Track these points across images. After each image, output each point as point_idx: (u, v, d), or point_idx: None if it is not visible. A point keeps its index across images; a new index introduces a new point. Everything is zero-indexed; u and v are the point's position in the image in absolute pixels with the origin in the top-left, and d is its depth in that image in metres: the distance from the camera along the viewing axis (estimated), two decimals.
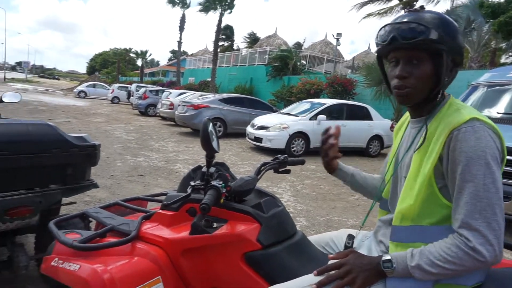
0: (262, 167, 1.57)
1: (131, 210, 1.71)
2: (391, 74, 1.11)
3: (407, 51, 1.05)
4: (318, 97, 13.71)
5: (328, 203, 5.15)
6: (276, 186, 5.78)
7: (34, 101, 17.78)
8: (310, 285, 1.05)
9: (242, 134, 10.39)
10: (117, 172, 5.83)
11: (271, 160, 1.64)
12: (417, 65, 1.04)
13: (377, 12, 17.37)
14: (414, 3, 15.95)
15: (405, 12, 1.12)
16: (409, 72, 1.05)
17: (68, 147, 2.24)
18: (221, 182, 1.24)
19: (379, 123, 9.87)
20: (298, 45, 26.84)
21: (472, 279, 0.99)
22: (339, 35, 19.31)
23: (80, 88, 30.04)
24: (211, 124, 1.26)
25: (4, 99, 3.05)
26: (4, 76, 42.53)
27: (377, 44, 1.12)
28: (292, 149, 8.67)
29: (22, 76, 58.02)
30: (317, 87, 14.69)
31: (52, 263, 1.30)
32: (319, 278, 1.06)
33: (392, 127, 10.09)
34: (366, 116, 9.80)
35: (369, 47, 28.82)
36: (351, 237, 1.33)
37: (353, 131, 9.25)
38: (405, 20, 1.04)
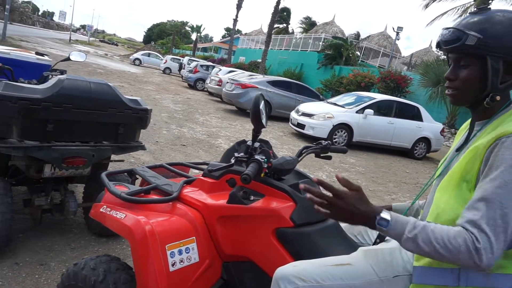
0: (304, 150, 1.59)
1: (174, 173, 1.81)
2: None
3: (454, 54, 1.07)
4: (368, 90, 13.30)
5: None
6: (313, 173, 5.77)
7: (94, 63, 18.77)
8: (333, 265, 1.08)
9: (286, 119, 10.37)
10: (161, 139, 6.09)
11: (314, 144, 1.66)
12: (464, 68, 1.05)
13: (447, 10, 16.33)
14: (490, 1, 14.74)
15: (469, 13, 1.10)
16: (456, 74, 1.07)
17: (123, 108, 2.38)
18: (263, 157, 1.28)
19: (429, 125, 9.42)
20: (356, 35, 25.92)
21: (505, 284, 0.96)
22: (399, 28, 18.36)
23: (135, 55, 31.18)
24: (263, 99, 1.30)
25: (71, 57, 3.28)
26: (70, 37, 45.16)
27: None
28: (334, 140, 8.54)
29: (85, 38, 61.22)
30: (369, 81, 14.22)
31: (101, 210, 1.42)
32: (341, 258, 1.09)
33: (443, 131, 9.60)
34: (417, 116, 9.39)
35: (430, 45, 27.21)
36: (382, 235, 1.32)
37: (400, 130, 8.93)
38: (451, 26, 1.06)
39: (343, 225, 1.46)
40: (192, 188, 1.49)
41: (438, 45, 1.08)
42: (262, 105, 1.28)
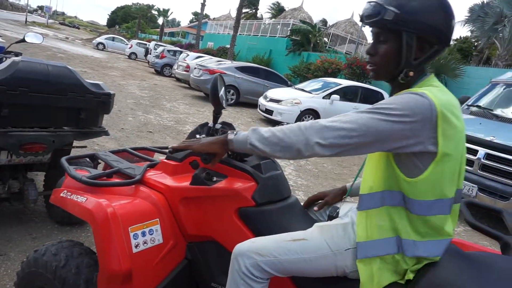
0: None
1: (138, 158, 1.80)
2: None
3: (375, 29, 1.09)
4: (335, 76, 13.52)
5: (329, 181, 5.23)
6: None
7: (53, 47, 17.85)
8: (290, 240, 1.14)
9: (254, 105, 10.41)
10: (127, 126, 5.95)
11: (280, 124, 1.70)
12: (383, 43, 1.07)
13: None
14: None
15: None
16: (375, 49, 1.09)
17: (84, 92, 2.31)
18: None
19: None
20: (324, 22, 26.12)
21: (433, 251, 1.05)
22: None
23: (99, 39, 29.91)
24: (221, 79, 1.31)
25: (26, 39, 3.11)
26: (26, 19, 42.43)
27: None
28: None
29: (43, 21, 57.82)
30: (336, 67, 14.45)
31: (61, 195, 1.40)
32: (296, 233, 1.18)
33: None
34: (380, 101, 9.69)
35: None
36: (335, 208, 1.39)
37: None
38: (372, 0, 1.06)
39: (303, 203, 1.52)
40: (156, 171, 1.49)
41: (362, 19, 1.10)
42: (220, 86, 1.29)
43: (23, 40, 3.10)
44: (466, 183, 4.29)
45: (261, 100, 9.45)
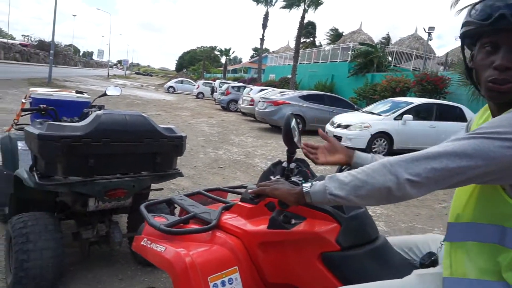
0: (344, 166, 1.52)
1: (212, 199, 1.79)
2: (483, 63, 0.90)
3: None
4: (404, 95, 12.85)
5: (412, 209, 4.81)
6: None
7: (131, 95, 19.67)
8: None
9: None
10: (199, 163, 6.16)
11: None
12: None
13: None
14: None
15: None
16: None
17: (159, 137, 2.42)
18: (301, 179, 1.23)
19: (471, 119, 8.89)
20: (386, 40, 25.36)
21: None
22: (431, 29, 17.75)
23: (169, 84, 32.39)
24: (294, 119, 1.25)
25: (108, 93, 3.42)
26: (108, 73, 47.86)
27: (470, 23, 0.91)
28: (374, 150, 8.27)
29: (121, 73, 64.62)
30: (404, 85, 13.76)
31: (142, 243, 1.41)
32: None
33: None
34: (460, 117, 8.91)
35: None
36: (431, 254, 1.20)
37: (443, 133, 8.49)
38: None
39: (392, 238, 1.36)
40: (231, 214, 1.45)
41: (499, 19, 0.84)
42: (293, 124, 1.23)
43: (104, 94, 3.40)
44: None
45: (328, 127, 9.25)
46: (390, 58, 21.00)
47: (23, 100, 3.34)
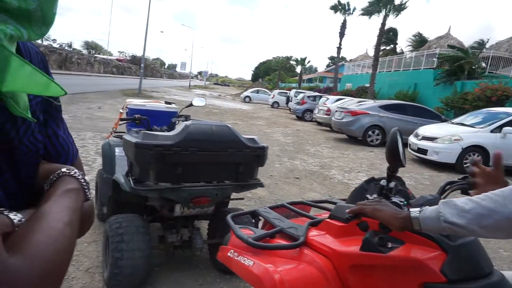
0: (447, 186, 1.36)
1: (295, 213, 1.74)
2: None
3: None
4: (502, 105, 11.50)
5: None
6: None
7: (210, 104, 20.63)
8: None
9: (404, 144, 9.61)
10: (275, 173, 6.17)
11: (459, 179, 1.41)
12: None
13: None
14: None
15: None
16: None
17: (242, 147, 2.45)
18: (403, 200, 1.12)
19: None
20: (479, 45, 23.09)
21: None
22: None
23: (245, 93, 33.40)
24: (400, 135, 1.15)
25: (193, 103, 3.60)
26: (189, 84, 51.07)
27: None
28: (465, 165, 7.49)
29: (201, 83, 68.44)
30: (502, 94, 12.32)
31: (228, 254, 1.41)
32: None
33: None
34: None
35: None
36: None
37: None
38: None
39: (506, 273, 1.17)
40: (319, 231, 1.38)
41: None
42: (399, 141, 1.13)
43: (190, 105, 3.59)
44: None
45: (412, 139, 8.64)
46: (484, 64, 19.03)
47: (121, 110, 3.67)
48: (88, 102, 13.19)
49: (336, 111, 11.85)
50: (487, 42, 24.32)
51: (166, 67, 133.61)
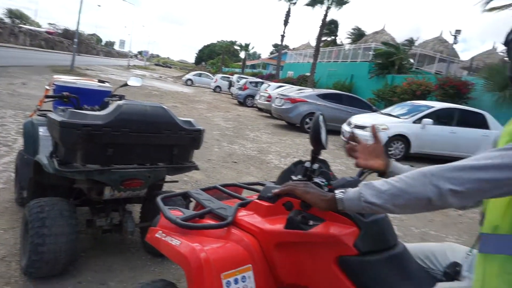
0: (365, 169, 1.48)
1: (228, 195, 1.77)
2: None
3: None
4: (424, 99, 12.59)
5: (426, 214, 4.71)
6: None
7: (149, 86, 19.86)
8: None
9: (337, 132, 10.13)
10: (213, 157, 6.18)
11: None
12: None
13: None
14: None
15: None
16: None
17: (177, 129, 2.42)
18: (323, 180, 1.20)
19: (497, 134, 8.63)
20: (409, 42, 24.85)
21: None
22: (457, 32, 17.31)
23: (187, 76, 32.58)
24: (323, 119, 1.22)
25: (129, 83, 3.44)
26: (128, 63, 48.45)
27: None
28: (390, 153, 8.13)
29: (141, 63, 65.33)
30: (425, 88, 13.47)
31: (156, 235, 1.41)
32: None
33: None
34: (482, 124, 8.67)
35: (493, 47, 25.25)
36: (455, 264, 1.16)
37: (463, 140, 8.29)
38: None
39: (409, 248, 1.32)
40: (247, 211, 1.43)
41: None
42: (322, 125, 1.20)
43: (125, 85, 3.42)
44: None
45: (345, 127, 9.15)
46: (412, 60, 20.59)
47: (47, 87, 3.39)
48: (10, 77, 11.95)
49: (277, 97, 12.09)
50: (416, 40, 26.35)
51: (103, 44, 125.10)
